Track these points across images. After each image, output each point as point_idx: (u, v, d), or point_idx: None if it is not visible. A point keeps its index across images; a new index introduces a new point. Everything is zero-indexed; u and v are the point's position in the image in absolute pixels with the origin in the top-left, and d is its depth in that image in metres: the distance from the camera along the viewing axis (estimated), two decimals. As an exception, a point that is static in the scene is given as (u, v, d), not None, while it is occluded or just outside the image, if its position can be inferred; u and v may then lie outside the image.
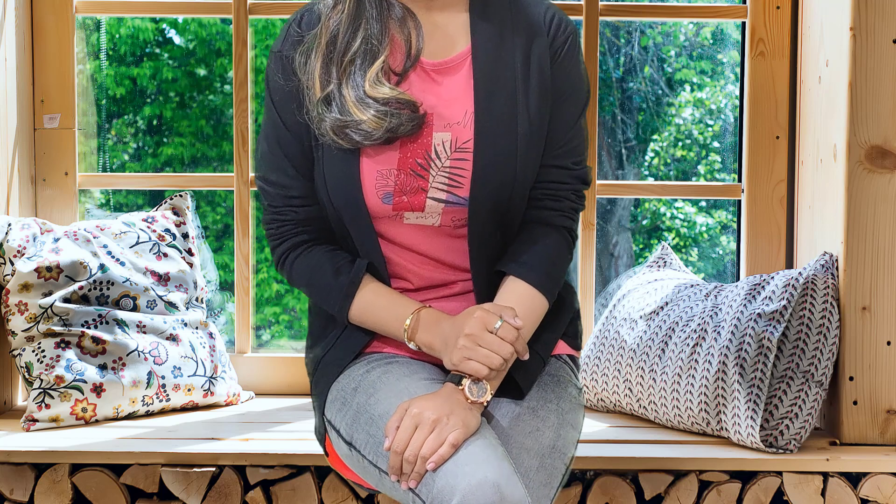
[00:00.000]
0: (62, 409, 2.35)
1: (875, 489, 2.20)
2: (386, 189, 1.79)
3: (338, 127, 1.77)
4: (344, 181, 1.80)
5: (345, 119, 1.76)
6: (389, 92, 1.77)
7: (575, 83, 1.86)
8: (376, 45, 1.80)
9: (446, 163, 1.80)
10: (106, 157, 6.56)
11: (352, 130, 1.76)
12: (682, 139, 6.80)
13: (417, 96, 1.80)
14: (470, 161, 1.79)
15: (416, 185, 1.79)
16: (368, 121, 1.75)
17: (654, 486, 2.18)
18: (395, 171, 1.79)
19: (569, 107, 1.85)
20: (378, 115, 1.75)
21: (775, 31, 2.68)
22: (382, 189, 1.79)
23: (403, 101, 1.77)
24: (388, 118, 1.75)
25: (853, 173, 2.30)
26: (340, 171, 1.80)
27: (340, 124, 1.76)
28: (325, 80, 1.79)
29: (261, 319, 6.32)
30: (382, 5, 1.82)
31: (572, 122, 1.86)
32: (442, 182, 1.80)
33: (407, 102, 1.77)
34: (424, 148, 1.80)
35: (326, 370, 1.86)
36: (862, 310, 2.31)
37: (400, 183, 1.79)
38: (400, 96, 1.77)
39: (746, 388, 2.21)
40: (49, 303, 2.38)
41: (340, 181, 1.80)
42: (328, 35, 1.81)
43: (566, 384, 1.85)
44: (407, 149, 1.79)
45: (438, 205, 1.80)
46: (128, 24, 6.91)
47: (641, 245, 6.70)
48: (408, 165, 1.79)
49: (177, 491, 2.16)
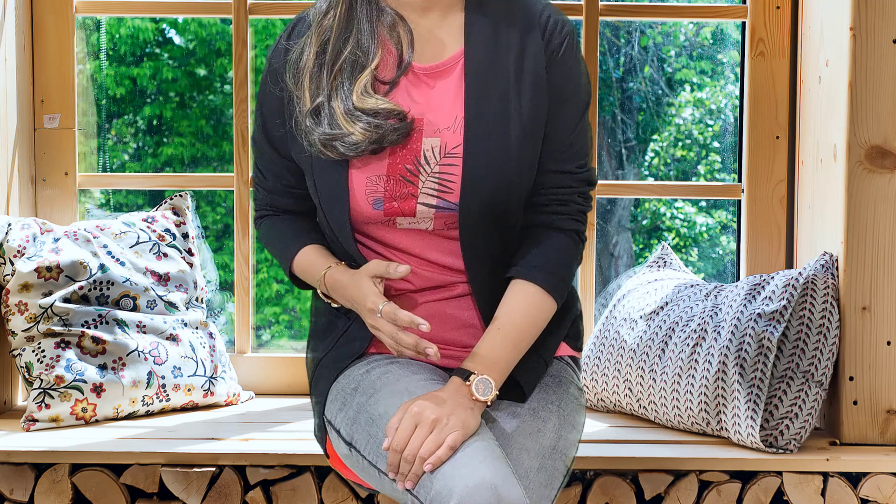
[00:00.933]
0: (62, 409, 2.35)
1: (875, 489, 2.20)
2: (376, 195, 1.79)
3: (326, 140, 1.78)
4: (334, 189, 1.81)
5: (333, 132, 1.77)
6: (376, 103, 1.77)
7: (575, 85, 1.85)
8: (366, 53, 1.80)
9: (435, 168, 1.79)
10: (106, 157, 6.56)
11: (339, 143, 1.77)
12: (682, 139, 6.80)
13: (406, 103, 1.80)
14: (459, 167, 1.78)
15: (406, 190, 1.79)
16: (356, 133, 1.76)
17: (654, 486, 2.18)
18: (385, 177, 1.79)
19: (569, 109, 1.84)
20: (366, 127, 1.76)
21: (775, 31, 2.68)
22: (372, 195, 1.79)
23: (390, 110, 1.77)
24: (374, 129, 1.76)
25: (853, 173, 2.30)
26: (330, 179, 1.81)
27: (328, 137, 1.77)
28: (314, 91, 1.80)
29: (261, 319, 6.32)
30: (373, 12, 1.82)
31: (573, 124, 1.84)
32: (432, 188, 1.79)
33: (393, 112, 1.77)
34: (413, 154, 1.79)
35: (326, 371, 1.86)
36: (862, 310, 2.31)
37: (389, 189, 1.79)
38: (386, 106, 1.77)
39: (746, 388, 2.21)
40: (49, 303, 2.38)
41: (330, 190, 1.81)
42: (319, 42, 1.81)
43: (567, 385, 1.85)
44: (396, 155, 1.79)
45: (429, 210, 1.80)
46: (128, 24, 6.91)
47: (641, 245, 6.70)
48: (397, 172, 1.79)
49: (177, 491, 2.16)
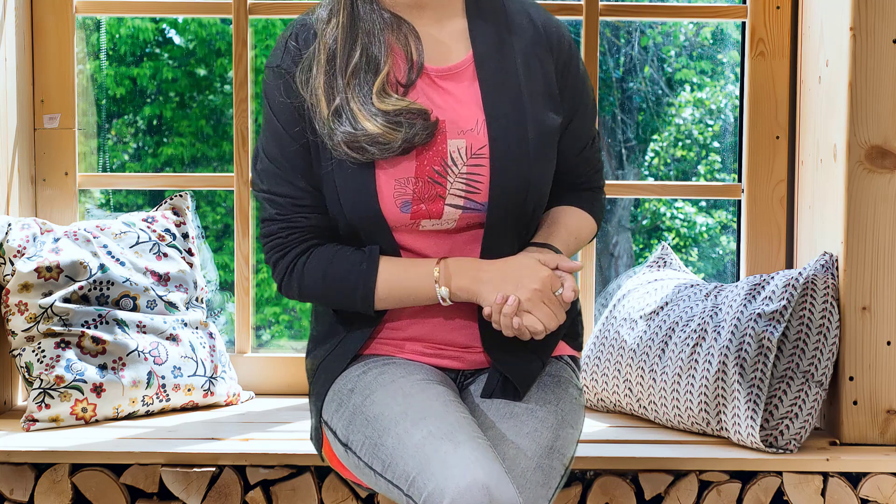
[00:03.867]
0: (62, 409, 2.35)
1: (875, 489, 2.20)
2: (404, 197, 1.78)
3: (351, 141, 1.74)
4: (360, 194, 1.78)
5: (357, 133, 1.74)
6: (399, 103, 1.76)
7: (588, 86, 1.93)
8: (377, 56, 1.78)
9: (463, 169, 1.79)
10: (106, 157, 6.57)
11: (367, 144, 1.74)
12: (682, 139, 6.80)
13: (427, 104, 1.79)
14: (486, 167, 1.79)
15: (434, 192, 1.79)
16: (383, 133, 1.73)
17: (654, 486, 2.18)
18: (413, 179, 1.78)
19: (588, 109, 1.94)
20: (391, 126, 1.74)
21: (775, 31, 2.68)
22: (401, 198, 1.78)
23: (415, 110, 1.76)
24: (404, 129, 1.74)
25: (853, 173, 2.30)
26: (356, 183, 1.77)
27: (353, 138, 1.74)
28: (330, 95, 1.77)
29: (261, 319, 6.32)
30: (375, 16, 1.81)
31: (593, 119, 1.96)
32: (460, 189, 1.79)
33: (419, 111, 1.76)
34: (441, 155, 1.79)
35: (324, 374, 1.87)
36: (862, 310, 2.31)
37: (418, 191, 1.78)
38: (410, 106, 1.76)
39: (746, 388, 2.21)
40: (49, 303, 2.38)
41: (356, 194, 1.78)
42: (327, 51, 1.78)
43: (566, 385, 1.85)
44: (423, 157, 1.79)
45: (456, 211, 1.80)
46: (128, 24, 6.91)
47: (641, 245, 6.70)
48: (425, 173, 1.78)
49: (177, 491, 2.16)
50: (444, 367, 1.88)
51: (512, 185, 1.79)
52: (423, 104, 1.79)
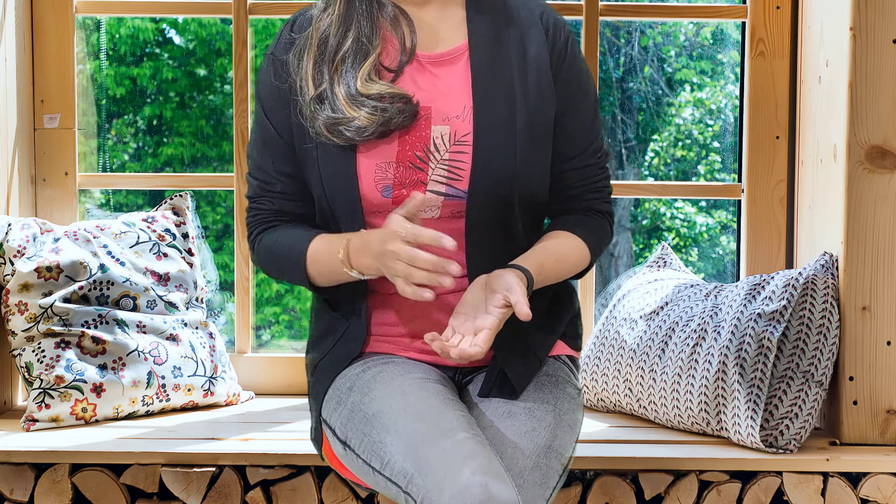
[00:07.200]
0: (62, 409, 2.35)
1: (875, 489, 2.20)
2: (385, 182, 1.80)
3: (331, 124, 1.78)
4: (340, 177, 1.81)
5: (337, 117, 1.78)
6: (381, 87, 1.78)
7: (586, 81, 1.91)
8: (367, 43, 1.82)
9: (445, 156, 1.80)
10: (106, 157, 6.57)
11: (344, 128, 1.78)
12: (682, 139, 6.81)
13: (412, 89, 1.81)
14: (469, 154, 1.79)
15: (416, 177, 1.80)
16: (360, 118, 1.77)
17: (654, 486, 2.18)
18: (394, 164, 1.80)
19: (587, 106, 1.90)
20: (369, 110, 1.77)
21: (775, 31, 2.68)
22: (381, 182, 1.80)
23: (396, 94, 1.78)
24: (380, 113, 1.77)
25: (853, 173, 2.30)
26: (337, 166, 1.81)
27: (333, 122, 1.78)
28: (317, 79, 1.82)
29: (261, 319, 6.32)
30: (373, 5, 1.84)
31: (592, 119, 1.91)
32: (441, 175, 1.80)
33: (400, 96, 1.78)
34: (423, 141, 1.80)
35: (324, 373, 1.87)
36: (862, 310, 2.31)
37: (399, 176, 1.80)
38: (391, 90, 1.78)
39: (746, 388, 2.21)
40: (49, 303, 2.38)
41: (337, 177, 1.81)
42: (319, 36, 1.83)
43: (564, 384, 1.85)
44: (405, 142, 1.80)
45: (438, 198, 1.81)
46: (128, 24, 6.91)
47: (641, 245, 6.71)
48: (406, 158, 1.80)
49: (177, 491, 2.16)
50: (443, 366, 1.89)
51: (495, 174, 1.79)
52: (410, 90, 1.81)
